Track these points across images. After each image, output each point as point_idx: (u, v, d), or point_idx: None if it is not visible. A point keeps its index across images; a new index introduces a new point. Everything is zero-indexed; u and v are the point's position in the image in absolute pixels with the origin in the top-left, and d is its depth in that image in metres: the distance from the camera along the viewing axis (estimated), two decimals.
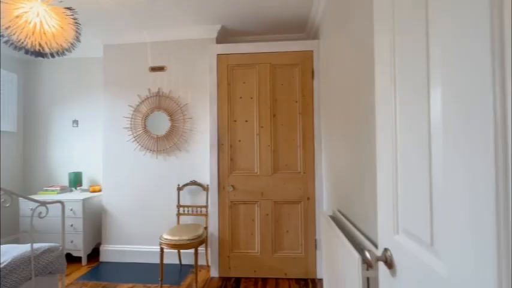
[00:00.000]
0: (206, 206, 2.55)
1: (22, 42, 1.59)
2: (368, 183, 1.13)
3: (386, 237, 0.77)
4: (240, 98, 2.39)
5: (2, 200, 1.14)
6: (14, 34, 1.55)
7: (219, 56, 2.41)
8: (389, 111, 0.72)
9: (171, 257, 2.64)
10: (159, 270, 2.49)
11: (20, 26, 1.50)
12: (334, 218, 1.60)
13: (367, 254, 0.78)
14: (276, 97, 2.37)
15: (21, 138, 3.23)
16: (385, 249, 0.77)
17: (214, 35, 2.63)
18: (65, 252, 1.57)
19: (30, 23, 1.52)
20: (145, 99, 2.72)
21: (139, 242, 2.73)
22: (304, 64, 2.35)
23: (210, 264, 2.49)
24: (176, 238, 2.16)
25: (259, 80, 2.38)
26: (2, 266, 1.24)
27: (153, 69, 2.74)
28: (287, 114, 2.36)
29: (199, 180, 2.64)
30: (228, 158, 2.38)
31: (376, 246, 1.02)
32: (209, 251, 2.56)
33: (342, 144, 1.58)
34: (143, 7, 2.26)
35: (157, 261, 2.64)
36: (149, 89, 2.73)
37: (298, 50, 2.35)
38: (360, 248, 1.09)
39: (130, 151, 2.75)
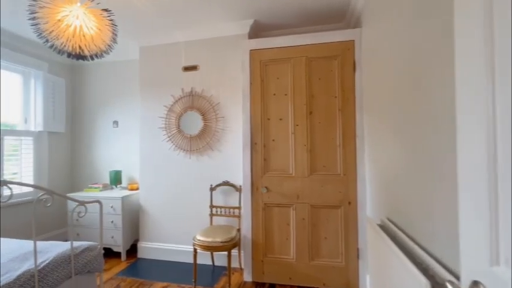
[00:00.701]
0: (239, 208, 2.47)
1: (64, 46, 1.64)
2: (439, 194, 0.92)
3: (476, 267, 0.59)
4: (274, 95, 2.27)
5: (43, 199, 1.16)
6: (57, 38, 1.61)
7: (252, 52, 2.31)
8: (481, 110, 0.54)
9: (204, 258, 2.61)
10: (192, 270, 2.49)
11: (62, 30, 1.55)
12: (384, 228, 1.40)
13: (449, 286, 0.61)
14: (312, 93, 2.20)
15: (69, 139, 3.48)
16: (475, 283, 0.59)
17: (247, 30, 2.54)
18: (102, 252, 1.59)
19: (70, 26, 1.55)
20: (178, 99, 2.73)
21: (173, 241, 2.76)
22: (344, 56, 2.14)
23: (243, 267, 2.41)
24: (209, 240, 2.11)
25: (294, 75, 2.23)
26: (44, 264, 1.28)
27: (186, 68, 2.74)
28: (325, 111, 2.17)
29: (231, 181, 2.57)
30: (262, 158, 2.27)
31: (450, 272, 0.82)
32: (242, 254, 2.48)
33: (396, 146, 1.37)
34: (176, 6, 2.24)
35: (191, 260, 2.64)
36: (182, 89, 2.73)
37: (338, 41, 2.15)
38: (425, 270, 0.90)
39: (165, 150, 2.79)
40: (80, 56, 1.72)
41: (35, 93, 3.02)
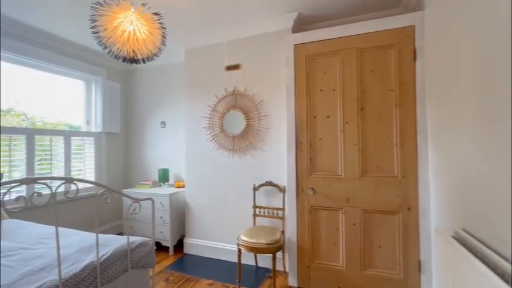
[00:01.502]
0: (283, 209, 2.39)
1: (120, 51, 1.74)
2: None
3: None
4: (321, 90, 2.13)
5: (103, 196, 1.22)
6: (114, 44, 1.71)
7: (296, 47, 2.20)
8: None
9: (248, 258, 2.59)
10: (236, 270, 2.48)
11: (118, 36, 1.63)
12: (460, 241, 1.19)
13: None
14: (364, 87, 2.01)
15: (123, 139, 3.77)
16: None
17: (290, 24, 2.44)
18: (154, 248, 1.65)
19: (125, 31, 1.63)
20: (221, 98, 2.75)
21: (217, 239, 2.79)
22: (403, 44, 1.91)
23: (287, 271, 2.33)
24: (253, 241, 2.07)
25: (344, 69, 2.06)
26: (105, 257, 1.36)
27: (229, 68, 2.74)
28: (379, 107, 1.97)
29: (275, 181, 2.50)
30: (307, 158, 2.16)
31: None
32: (287, 257, 2.40)
33: (474, 144, 1.16)
34: (219, 6, 2.24)
35: (234, 259, 2.65)
36: (225, 88, 2.74)
37: (394, 28, 1.93)
38: None
39: (209, 150, 2.84)
40: (134, 60, 1.81)
41: (95, 98, 3.32)
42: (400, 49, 1.92)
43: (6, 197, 2.32)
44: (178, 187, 3.18)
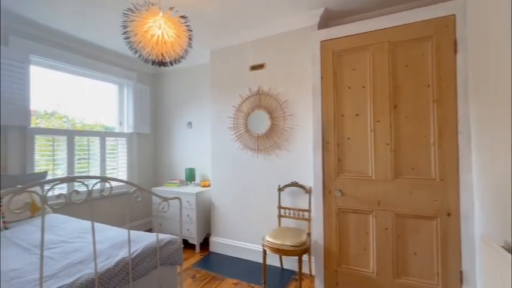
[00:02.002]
0: (309, 210, 2.33)
1: (149, 55, 1.80)
2: None
3: None
4: (349, 88, 2.04)
5: (135, 195, 1.26)
6: (144, 48, 1.77)
7: (323, 43, 2.13)
8: None
9: (272, 259, 2.57)
10: (260, 270, 2.47)
11: (147, 40, 1.69)
12: None
13: None
14: (397, 83, 1.89)
15: (152, 139, 3.93)
16: None
17: (316, 20, 2.37)
18: (182, 246, 1.68)
19: (154, 35, 1.69)
20: (246, 98, 2.75)
21: (241, 238, 2.80)
22: (441, 35, 1.76)
23: (313, 274, 2.27)
24: (279, 242, 2.04)
25: (374, 64, 1.95)
26: (136, 253, 1.42)
27: (253, 67, 2.73)
28: (414, 104, 1.84)
29: (300, 182, 2.44)
30: (335, 158, 2.08)
31: None
32: (313, 260, 2.33)
33: None
34: (244, 6, 2.24)
35: (258, 259, 2.64)
36: (250, 88, 2.74)
37: (431, 18, 1.78)
38: None
39: (234, 150, 2.85)
40: (162, 63, 1.86)
41: (127, 100, 3.50)
42: (438, 41, 1.77)
43: (50, 193, 2.53)
44: (204, 186, 3.24)
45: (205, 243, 3.10)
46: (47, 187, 2.12)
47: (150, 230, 3.55)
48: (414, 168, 1.83)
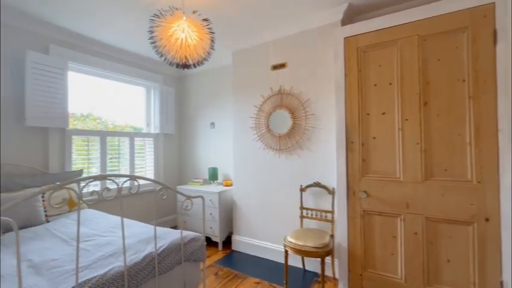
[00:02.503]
0: (332, 212, 2.27)
1: (174, 58, 1.87)
2: None
3: None
4: (375, 85, 1.96)
5: (160, 193, 1.32)
6: (169, 52, 1.84)
7: (347, 40, 2.06)
8: None
9: (294, 260, 2.54)
10: (282, 271, 2.46)
11: (172, 44, 1.76)
12: None
13: None
14: (428, 79, 1.78)
15: (177, 139, 4.07)
16: None
17: (339, 17, 2.30)
18: (205, 243, 1.73)
19: (178, 39, 1.75)
20: (267, 98, 2.75)
21: (263, 238, 2.80)
22: (478, 26, 1.63)
23: (337, 277, 2.21)
24: (301, 243, 2.02)
25: (402, 60, 1.86)
26: (162, 249, 1.48)
27: (275, 67, 2.72)
28: (447, 100, 1.72)
29: (323, 182, 2.39)
30: (359, 158, 2.00)
31: None
32: (336, 263, 2.28)
33: None
34: (265, 6, 2.24)
35: (280, 259, 2.63)
36: (271, 88, 2.74)
37: (466, 8, 1.65)
38: None
39: (255, 149, 2.87)
40: (186, 65, 1.92)
41: (154, 102, 3.66)
42: (475, 32, 1.64)
43: (85, 190, 2.72)
44: (227, 185, 3.29)
45: (227, 242, 3.15)
46: (82, 184, 2.28)
47: (175, 227, 3.68)
48: (447, 170, 1.72)
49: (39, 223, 2.04)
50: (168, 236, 1.63)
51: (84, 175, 2.83)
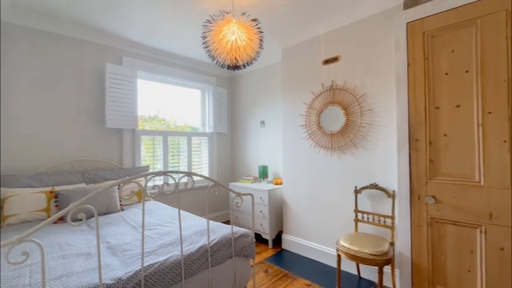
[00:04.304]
0: (392, 217, 2.06)
1: (225, 60, 1.94)
2: None
3: None
4: (446, 74, 1.69)
5: (212, 189, 1.39)
6: (220, 55, 1.93)
7: (410, 25, 1.83)
8: None
9: (348, 265, 2.40)
10: (334, 275, 2.35)
11: (222, 47, 1.83)
12: None
13: None
14: None
15: (229, 138, 4.25)
16: None
17: (401, 0, 2.06)
18: (254, 241, 1.75)
19: (228, 42, 1.81)
20: (318, 94, 2.64)
21: (314, 239, 2.72)
22: None
23: None
24: (355, 249, 1.89)
25: (483, 42, 1.56)
26: (214, 242, 1.56)
27: (326, 61, 2.60)
28: None
29: (381, 184, 2.19)
30: (426, 158, 1.76)
31: None
32: (397, 274, 2.06)
33: None
34: None
35: (331, 263, 2.52)
36: (322, 84, 2.62)
37: None
38: None
39: (306, 148, 2.79)
40: (236, 66, 1.98)
41: (208, 103, 3.89)
42: None
43: (150, 184, 3.05)
44: (277, 184, 3.29)
45: (278, 240, 3.16)
46: (143, 179, 2.58)
47: (228, 222, 3.86)
48: None
49: (116, 211, 2.38)
50: (220, 230, 1.72)
51: (150, 170, 3.18)
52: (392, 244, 2.00)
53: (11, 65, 2.29)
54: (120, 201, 2.52)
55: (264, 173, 3.50)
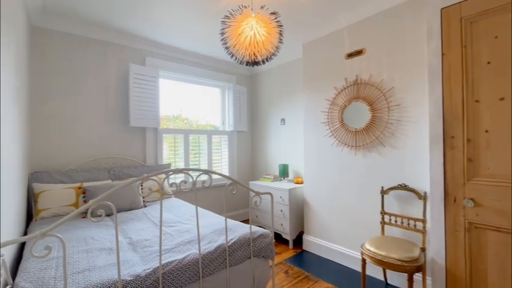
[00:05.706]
0: (423, 220, 1.91)
1: (244, 56, 1.90)
2: None
3: None
4: (488, 63, 1.51)
5: (231, 188, 1.35)
6: (238, 51, 1.89)
7: (445, 10, 1.67)
8: None
9: (373, 270, 2.27)
10: (358, 279, 2.24)
11: (241, 42, 1.79)
12: None
13: None
14: None
15: (250, 136, 4.22)
16: None
17: None
18: (273, 241, 1.70)
19: (247, 37, 1.76)
20: (341, 90, 2.52)
21: (337, 241, 2.60)
22: None
23: None
24: (382, 253, 1.76)
25: None
26: (232, 242, 1.53)
27: (350, 55, 2.47)
28: None
29: (411, 185, 2.03)
30: (463, 157, 1.60)
31: None
32: (429, 281, 1.91)
33: None
34: None
35: (354, 266, 2.41)
36: (345, 79, 2.49)
37: None
38: None
39: (328, 146, 2.68)
40: (255, 62, 1.93)
41: (228, 102, 3.88)
42: None
43: (171, 181, 3.11)
44: (297, 183, 3.21)
45: (298, 241, 3.08)
46: (160, 176, 2.62)
47: (247, 221, 3.84)
48: None
49: (140, 207, 2.44)
50: (239, 230, 1.68)
51: (172, 167, 3.24)
52: (423, 250, 1.85)
53: (44, 69, 2.43)
54: (143, 197, 2.59)
55: (284, 172, 3.43)
